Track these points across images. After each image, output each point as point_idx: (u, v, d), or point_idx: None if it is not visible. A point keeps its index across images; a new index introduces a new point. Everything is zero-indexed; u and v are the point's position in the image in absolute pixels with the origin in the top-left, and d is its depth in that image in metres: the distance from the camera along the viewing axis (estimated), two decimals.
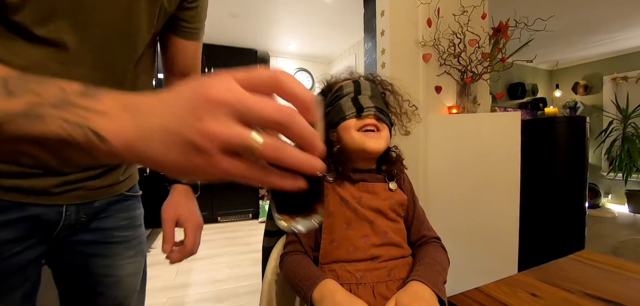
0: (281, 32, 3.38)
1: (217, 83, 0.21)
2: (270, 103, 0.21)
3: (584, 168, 1.90)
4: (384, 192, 0.65)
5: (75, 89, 0.22)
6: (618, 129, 4.20)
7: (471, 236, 1.49)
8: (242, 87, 0.21)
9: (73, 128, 0.21)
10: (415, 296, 0.49)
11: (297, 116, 0.22)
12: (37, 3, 0.39)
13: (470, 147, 1.54)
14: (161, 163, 0.22)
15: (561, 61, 4.73)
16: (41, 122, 0.21)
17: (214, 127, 0.20)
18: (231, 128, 0.20)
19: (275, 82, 0.22)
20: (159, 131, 0.21)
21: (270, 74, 0.22)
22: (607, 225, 3.55)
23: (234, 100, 0.20)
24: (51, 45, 0.42)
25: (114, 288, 0.63)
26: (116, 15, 0.47)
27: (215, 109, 0.20)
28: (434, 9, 1.67)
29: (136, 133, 0.21)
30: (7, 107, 0.20)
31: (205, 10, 0.64)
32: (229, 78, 0.21)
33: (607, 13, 3.07)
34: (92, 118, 0.21)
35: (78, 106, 0.21)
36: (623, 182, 4.10)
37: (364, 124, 0.63)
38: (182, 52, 0.63)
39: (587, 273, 0.64)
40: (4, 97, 0.21)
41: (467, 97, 1.72)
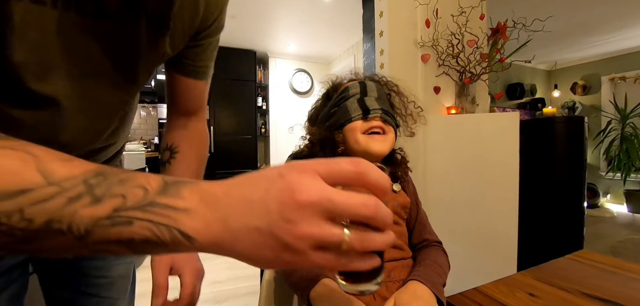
0: (280, 33, 3.39)
1: (304, 185, 0.22)
2: (355, 201, 0.22)
3: (582, 168, 1.90)
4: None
5: (155, 187, 0.22)
6: (616, 129, 4.21)
7: (470, 236, 1.49)
8: (325, 181, 0.22)
9: (160, 230, 0.21)
10: (414, 295, 0.49)
11: (379, 209, 0.23)
12: (36, 56, 0.38)
13: (469, 148, 1.54)
14: (248, 258, 0.23)
15: (559, 61, 4.75)
16: (128, 226, 0.21)
17: (305, 229, 0.21)
18: (322, 229, 0.21)
19: (358, 176, 0.23)
20: (249, 231, 0.22)
21: (352, 168, 0.23)
22: (605, 225, 3.55)
23: (322, 201, 0.21)
24: (45, 100, 0.41)
25: (107, 289, 0.62)
26: (114, 66, 0.45)
27: (305, 211, 0.21)
28: (433, 10, 1.68)
29: (223, 232, 0.22)
30: (94, 214, 0.21)
31: (213, 49, 0.57)
32: (314, 175, 0.22)
33: (605, 13, 3.08)
34: (178, 219, 0.21)
35: (162, 206, 0.22)
36: (622, 182, 4.11)
37: (370, 126, 0.62)
38: (188, 91, 0.57)
39: (586, 272, 0.64)
40: (91, 204, 0.21)
41: (465, 97, 1.72)
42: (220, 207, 0.22)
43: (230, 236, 0.22)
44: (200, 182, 0.24)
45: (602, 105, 4.51)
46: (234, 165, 3.72)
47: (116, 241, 0.21)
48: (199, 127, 0.61)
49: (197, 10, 0.48)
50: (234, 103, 3.72)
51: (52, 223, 0.20)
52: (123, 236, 0.21)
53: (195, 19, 0.48)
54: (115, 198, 0.21)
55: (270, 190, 0.22)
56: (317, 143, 0.67)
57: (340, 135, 0.65)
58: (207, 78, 0.59)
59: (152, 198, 0.22)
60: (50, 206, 0.20)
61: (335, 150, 0.64)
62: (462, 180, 1.55)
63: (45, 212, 0.20)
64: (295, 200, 0.21)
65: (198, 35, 0.52)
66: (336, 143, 0.64)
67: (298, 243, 0.21)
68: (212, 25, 0.52)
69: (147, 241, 0.22)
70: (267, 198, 0.22)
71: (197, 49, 0.53)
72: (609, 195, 4.48)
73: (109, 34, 0.42)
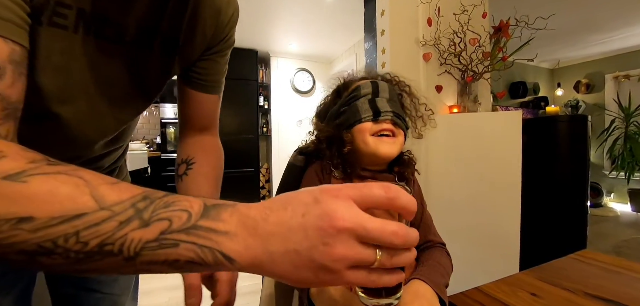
0: (282, 32, 3.39)
1: (340, 212, 0.24)
2: (388, 229, 0.24)
3: (585, 167, 1.89)
4: None
5: (197, 210, 0.24)
6: (620, 128, 4.18)
7: (472, 235, 1.49)
8: (358, 206, 0.24)
9: (203, 252, 0.23)
10: (416, 294, 0.49)
11: (408, 236, 0.25)
12: (60, 79, 0.39)
13: (471, 146, 1.54)
14: (287, 278, 0.25)
15: (563, 60, 4.72)
16: (174, 248, 0.23)
17: (342, 251, 0.23)
18: (357, 251, 0.24)
19: (389, 201, 0.25)
20: (288, 254, 0.24)
21: (383, 193, 0.25)
22: (609, 224, 3.53)
23: (357, 227, 0.23)
24: (60, 118, 0.42)
25: (110, 286, 0.64)
26: (129, 86, 0.47)
27: (342, 235, 0.23)
28: (434, 8, 1.67)
29: (263, 255, 0.24)
30: (143, 236, 0.22)
31: (224, 64, 0.58)
32: (349, 202, 0.24)
33: (609, 11, 3.05)
34: (221, 241, 0.23)
35: (204, 229, 0.23)
36: (625, 181, 4.07)
37: (380, 129, 0.61)
38: (200, 106, 0.57)
39: (588, 272, 0.63)
40: (140, 227, 0.23)
41: (467, 96, 1.72)
42: (259, 230, 0.24)
43: (269, 258, 0.24)
44: (237, 204, 0.26)
45: (605, 103, 4.48)
46: (235, 164, 3.73)
47: (162, 262, 0.23)
48: (214, 141, 0.61)
49: (205, 33, 0.50)
50: (235, 102, 3.73)
51: (104, 245, 0.22)
52: (169, 258, 0.23)
53: (204, 36, 0.50)
54: (162, 221, 0.23)
55: (307, 215, 0.24)
56: (324, 140, 0.66)
57: (349, 135, 0.63)
58: (218, 93, 0.59)
59: (195, 222, 0.23)
60: (103, 229, 0.22)
61: (342, 149, 0.63)
62: (464, 179, 1.54)
63: (98, 235, 0.22)
64: (333, 226, 0.23)
65: (208, 50, 0.53)
66: (344, 143, 0.63)
67: (335, 264, 0.23)
68: (222, 41, 0.54)
69: (191, 262, 0.23)
70: (305, 224, 0.24)
71: (208, 63, 0.54)
72: (613, 194, 4.45)
73: (126, 57, 0.44)
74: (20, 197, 0.21)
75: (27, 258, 0.22)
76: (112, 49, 0.42)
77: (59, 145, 0.46)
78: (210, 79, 0.56)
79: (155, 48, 0.46)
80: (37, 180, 0.22)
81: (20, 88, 0.30)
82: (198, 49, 0.51)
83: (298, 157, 0.71)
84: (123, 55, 0.44)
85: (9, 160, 0.23)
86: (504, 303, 0.53)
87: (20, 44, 0.30)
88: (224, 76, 0.59)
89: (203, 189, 0.52)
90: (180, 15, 0.46)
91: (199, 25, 0.49)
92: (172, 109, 3.59)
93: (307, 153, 0.70)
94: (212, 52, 0.54)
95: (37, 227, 0.21)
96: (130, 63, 0.45)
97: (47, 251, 0.21)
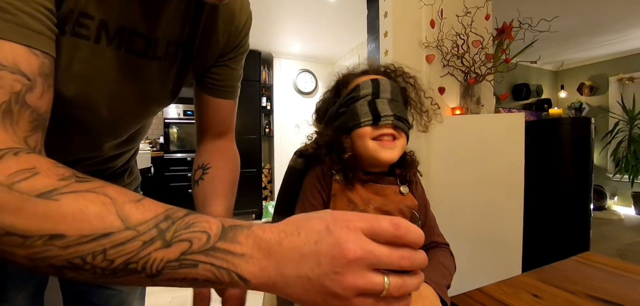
0: (284, 33, 3.40)
1: (351, 242, 0.25)
2: (395, 255, 0.26)
3: (589, 170, 1.88)
4: (394, 195, 0.63)
5: (216, 232, 0.25)
6: (624, 130, 4.15)
7: (474, 237, 1.49)
8: (368, 237, 0.26)
9: (220, 273, 0.25)
10: (418, 295, 0.49)
11: (414, 259, 0.26)
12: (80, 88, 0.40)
13: (473, 148, 1.53)
14: (299, 300, 0.26)
15: (566, 62, 4.69)
16: (194, 268, 0.24)
17: (352, 280, 0.24)
18: (366, 280, 0.25)
19: (396, 236, 0.26)
20: (300, 279, 0.25)
21: (391, 230, 0.26)
22: (612, 227, 3.50)
23: (367, 256, 0.25)
24: (83, 126, 0.44)
25: None
26: (150, 95, 0.49)
27: (352, 265, 0.24)
28: (437, 10, 1.67)
29: (276, 277, 0.25)
30: (165, 256, 0.24)
31: (239, 68, 0.58)
32: (359, 233, 0.26)
33: (613, 13, 3.04)
34: (237, 263, 0.25)
35: (222, 251, 0.25)
36: (629, 184, 4.05)
37: (381, 133, 0.59)
38: (216, 112, 0.58)
39: (590, 274, 0.63)
40: (162, 247, 0.24)
41: (470, 98, 1.72)
42: (274, 254, 0.25)
43: (282, 281, 0.25)
44: (253, 225, 0.27)
45: (609, 106, 4.45)
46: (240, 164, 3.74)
47: (182, 280, 0.25)
48: (229, 146, 0.62)
49: (218, 40, 0.51)
50: (238, 103, 3.74)
51: (129, 263, 0.24)
52: (189, 276, 0.25)
53: (218, 44, 0.51)
54: (183, 243, 0.24)
55: (319, 243, 0.25)
56: (323, 146, 0.64)
57: (348, 140, 0.62)
58: (233, 98, 0.59)
59: (214, 243, 0.25)
60: (128, 248, 0.23)
61: (342, 155, 0.62)
62: (466, 181, 1.54)
63: (124, 254, 0.23)
64: (345, 257, 0.24)
65: (222, 57, 0.54)
66: (344, 149, 0.62)
67: (345, 292, 0.24)
68: (237, 48, 0.55)
69: (208, 281, 0.25)
70: (317, 252, 0.25)
71: (223, 69, 0.55)
72: (617, 197, 4.42)
73: (151, 69, 0.45)
74: (53, 215, 0.22)
75: (55, 271, 0.23)
76: (139, 63, 0.43)
77: (75, 145, 0.47)
78: (225, 85, 0.56)
79: (178, 60, 0.48)
80: (68, 198, 0.23)
81: (49, 99, 0.32)
82: (212, 56, 0.52)
83: (298, 159, 0.70)
84: (148, 68, 0.45)
85: (42, 177, 0.24)
86: (506, 304, 0.53)
87: (49, 54, 0.31)
88: (239, 81, 0.60)
89: (218, 194, 0.53)
90: (195, 24, 0.47)
91: (213, 33, 0.49)
92: (176, 110, 3.60)
93: (307, 156, 0.69)
94: (227, 58, 0.54)
95: (67, 244, 0.22)
96: (154, 74, 0.46)
97: (76, 266, 0.23)
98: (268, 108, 4.19)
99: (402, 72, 0.69)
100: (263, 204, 3.86)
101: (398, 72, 0.69)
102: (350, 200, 0.61)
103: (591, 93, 4.66)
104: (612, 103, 4.42)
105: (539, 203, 1.84)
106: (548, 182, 1.87)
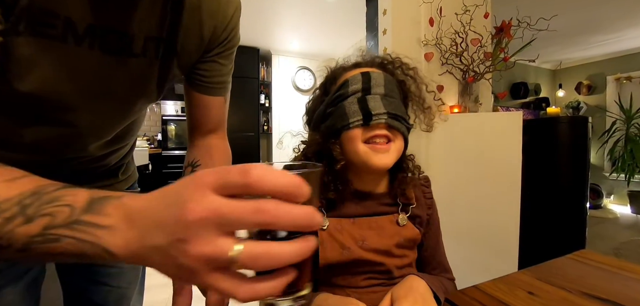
0: (283, 30, 3.39)
1: (193, 200, 0.20)
2: (247, 208, 0.20)
3: (585, 169, 1.89)
4: (392, 227, 0.56)
5: (81, 204, 0.24)
6: (621, 130, 4.17)
7: (471, 234, 1.50)
8: (219, 193, 0.21)
9: (85, 246, 0.23)
10: (410, 289, 0.47)
11: (278, 211, 0.20)
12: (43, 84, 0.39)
13: (471, 146, 1.54)
14: (162, 272, 0.23)
15: (564, 61, 4.71)
16: (57, 243, 0.23)
17: (198, 248, 0.20)
18: (212, 245, 0.20)
19: (246, 186, 0.20)
20: (156, 250, 0.22)
21: (240, 180, 0.20)
22: (608, 226, 3.53)
23: (211, 216, 0.20)
24: (61, 122, 0.43)
25: (117, 279, 0.64)
26: (131, 92, 0.47)
27: (195, 228, 0.20)
28: (436, 8, 1.67)
29: (141, 249, 0.22)
30: (27, 232, 0.23)
31: (228, 64, 0.55)
32: (205, 190, 0.21)
33: (611, 12, 3.05)
34: (101, 236, 0.23)
35: (86, 223, 0.23)
36: (626, 183, 4.08)
37: (373, 135, 0.52)
38: (206, 109, 0.55)
39: (586, 272, 0.64)
40: (23, 224, 0.23)
41: (469, 96, 1.72)
42: (138, 224, 0.23)
43: (145, 252, 0.22)
44: (126, 195, 0.24)
45: (607, 105, 4.47)
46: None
47: (53, 255, 0.24)
48: (220, 143, 0.60)
49: (202, 35, 0.48)
50: (236, 100, 3.73)
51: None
52: (56, 251, 0.23)
53: (202, 40, 0.49)
54: (44, 217, 0.23)
55: (169, 207, 0.21)
56: (311, 156, 0.57)
57: (337, 146, 0.54)
58: (224, 95, 0.57)
59: (77, 216, 0.23)
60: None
61: (333, 166, 0.54)
62: (464, 179, 1.55)
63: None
64: (185, 219, 0.20)
65: (208, 52, 0.51)
66: (335, 159, 0.54)
67: (193, 263, 0.20)
68: (224, 43, 0.52)
69: (75, 255, 0.24)
70: (166, 217, 0.21)
71: (210, 65, 0.52)
72: (613, 196, 4.45)
73: (130, 67, 0.44)
74: None
75: None
76: (117, 61, 0.42)
77: (60, 147, 0.46)
78: (213, 81, 0.54)
79: (159, 56, 0.46)
80: None
81: None
82: (197, 52, 0.50)
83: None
84: (127, 66, 0.43)
85: None
86: (502, 301, 0.53)
87: None
88: (228, 77, 0.57)
89: None
90: (176, 18, 0.45)
91: (196, 27, 0.47)
92: (173, 106, 3.59)
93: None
94: (214, 54, 0.52)
95: None
96: (133, 72, 0.44)
97: None
98: (266, 105, 4.19)
99: (400, 63, 0.61)
100: None
101: (396, 63, 0.61)
102: (342, 245, 0.54)
103: (589, 93, 4.68)
104: (609, 103, 4.44)
105: (536, 201, 1.85)
106: (545, 180, 1.88)
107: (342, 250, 0.53)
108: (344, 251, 0.53)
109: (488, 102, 1.87)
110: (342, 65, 0.61)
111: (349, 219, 0.55)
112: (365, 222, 0.55)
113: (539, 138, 1.89)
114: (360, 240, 0.54)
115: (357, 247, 0.53)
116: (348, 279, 0.55)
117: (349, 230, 0.54)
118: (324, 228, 0.54)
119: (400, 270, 0.56)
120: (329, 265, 0.53)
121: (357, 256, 0.53)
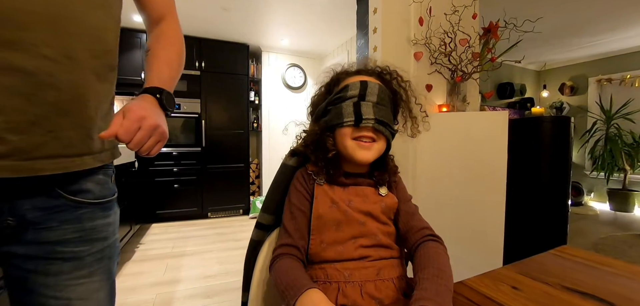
0: (273, 27, 3.36)
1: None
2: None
3: (567, 167, 1.95)
4: (374, 196, 0.66)
5: None
6: (601, 129, 4.33)
7: (458, 232, 1.52)
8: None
9: None
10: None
11: None
12: None
13: (459, 145, 1.57)
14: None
15: (549, 62, 4.84)
16: None
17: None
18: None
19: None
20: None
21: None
22: (589, 222, 3.66)
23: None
24: None
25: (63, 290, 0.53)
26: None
27: None
28: (426, 8, 1.69)
29: None
30: None
31: None
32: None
33: (594, 15, 3.14)
34: None
35: None
36: (605, 181, 4.23)
37: (360, 135, 0.62)
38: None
39: (566, 267, 0.66)
40: None
41: (457, 95, 1.75)
42: None
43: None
44: None
45: (588, 105, 4.62)
46: (225, 159, 3.69)
47: None
48: (168, 29, 0.66)
49: None
50: (226, 97, 3.68)
51: None
52: None
53: None
54: None
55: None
56: (311, 144, 0.68)
57: (331, 139, 0.65)
58: None
59: None
60: None
61: (326, 154, 0.65)
62: (451, 177, 1.57)
63: None
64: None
65: None
66: (327, 148, 0.65)
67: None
68: None
69: None
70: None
71: None
72: (593, 193, 4.61)
73: None
74: None
75: None
76: None
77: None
78: None
79: None
80: None
81: None
82: None
83: (291, 158, 0.71)
84: None
85: None
86: (487, 296, 0.54)
87: None
88: None
89: (153, 70, 0.60)
90: None
91: None
92: None
93: (298, 155, 0.71)
94: None
95: None
96: None
97: None
98: (256, 102, 4.15)
99: (397, 75, 0.71)
100: (251, 199, 3.83)
101: (393, 74, 0.70)
102: (333, 200, 0.64)
103: (571, 93, 4.83)
104: (591, 103, 4.60)
105: (520, 199, 1.89)
106: (529, 178, 1.93)
107: (332, 205, 0.63)
108: (333, 206, 0.63)
109: (475, 102, 1.90)
110: (346, 70, 0.71)
111: (340, 186, 0.66)
112: (353, 190, 0.66)
113: (524, 138, 1.94)
114: (347, 201, 0.64)
115: (345, 205, 0.63)
116: (340, 250, 0.62)
117: (339, 193, 0.65)
118: (321, 184, 0.66)
119: (386, 238, 0.64)
120: (323, 222, 0.63)
121: (344, 210, 0.63)
